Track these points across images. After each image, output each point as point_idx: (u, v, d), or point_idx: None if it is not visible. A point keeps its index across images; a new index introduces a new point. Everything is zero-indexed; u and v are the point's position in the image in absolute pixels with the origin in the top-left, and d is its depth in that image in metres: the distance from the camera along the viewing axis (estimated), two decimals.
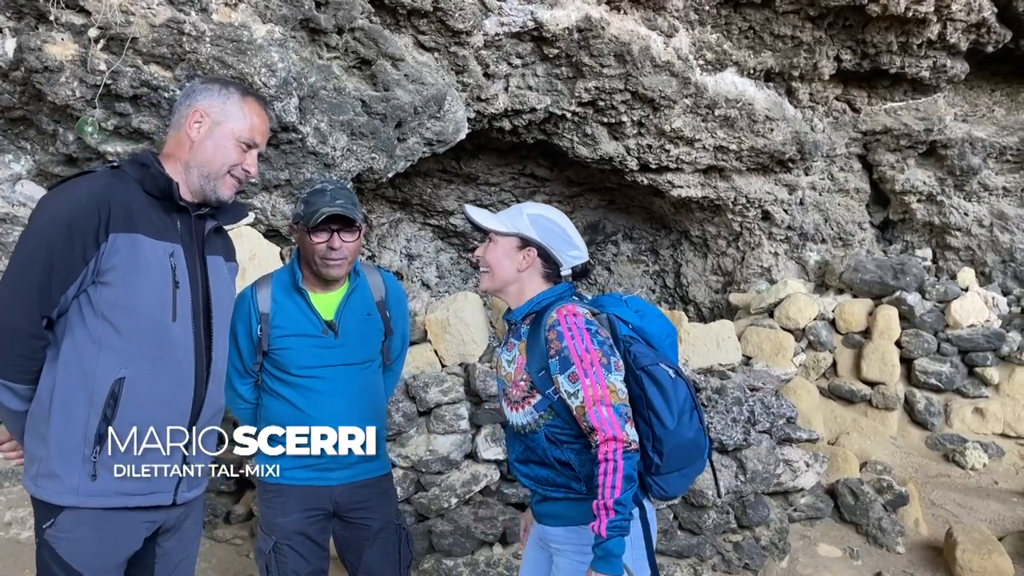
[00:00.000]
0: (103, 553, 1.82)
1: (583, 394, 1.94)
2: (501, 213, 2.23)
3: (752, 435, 4.35)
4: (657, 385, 2.00)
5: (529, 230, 2.14)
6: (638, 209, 8.50)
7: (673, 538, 4.16)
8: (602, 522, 1.86)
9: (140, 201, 1.85)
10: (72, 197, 1.78)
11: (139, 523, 1.90)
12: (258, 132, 2.01)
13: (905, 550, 4.70)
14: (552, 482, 2.10)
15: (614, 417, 1.92)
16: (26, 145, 4.63)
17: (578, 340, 1.98)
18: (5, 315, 1.74)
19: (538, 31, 5.33)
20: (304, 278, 2.51)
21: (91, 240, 1.75)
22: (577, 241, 2.19)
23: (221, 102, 1.95)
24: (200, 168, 1.94)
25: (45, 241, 1.74)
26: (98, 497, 1.80)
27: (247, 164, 1.99)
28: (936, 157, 7.52)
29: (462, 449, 4.09)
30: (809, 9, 5.88)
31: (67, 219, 1.74)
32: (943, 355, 6.96)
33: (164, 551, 1.99)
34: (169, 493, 1.92)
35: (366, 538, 2.54)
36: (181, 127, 1.95)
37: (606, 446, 1.90)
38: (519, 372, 2.11)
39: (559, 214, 2.22)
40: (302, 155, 4.68)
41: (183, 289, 1.89)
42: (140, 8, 3.94)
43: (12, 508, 4.14)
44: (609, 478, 1.88)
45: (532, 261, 2.15)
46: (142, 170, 1.89)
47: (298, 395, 2.46)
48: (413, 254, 8.58)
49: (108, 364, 1.79)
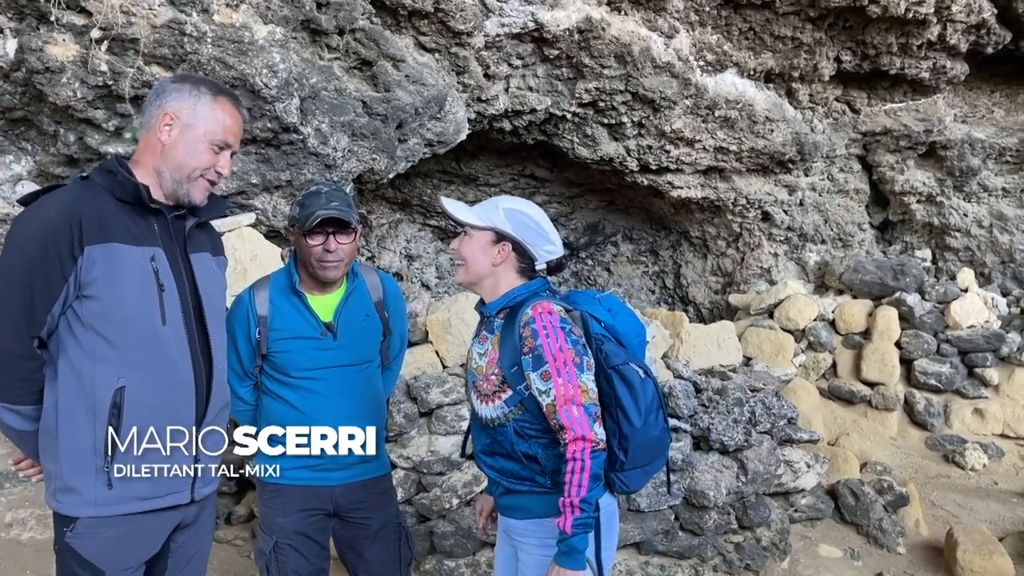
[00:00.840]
0: (124, 553, 1.84)
1: (555, 393, 1.96)
2: (477, 206, 2.23)
3: (753, 436, 4.36)
4: (627, 384, 2.03)
5: (504, 224, 2.15)
6: (638, 210, 8.50)
7: (674, 539, 4.16)
8: (567, 519, 1.91)
9: (112, 209, 1.83)
10: (42, 215, 1.76)
11: (159, 524, 1.91)
12: (231, 133, 1.97)
13: (906, 551, 4.70)
14: (517, 475, 2.12)
15: (584, 417, 1.95)
16: (26, 146, 4.62)
17: (552, 339, 1.99)
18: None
19: (539, 32, 5.33)
20: (301, 280, 2.51)
21: (67, 255, 1.74)
22: (552, 236, 2.20)
23: (192, 103, 1.91)
24: (172, 172, 1.91)
25: (23, 262, 1.73)
26: (117, 505, 1.82)
27: (219, 166, 1.96)
28: (936, 158, 7.53)
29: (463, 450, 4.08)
30: (809, 10, 5.89)
31: (40, 238, 1.73)
32: (943, 356, 6.97)
33: (178, 545, 2.01)
34: (186, 492, 1.94)
35: (366, 537, 2.55)
36: (151, 129, 1.91)
37: (574, 445, 1.93)
38: (491, 366, 2.12)
39: (535, 208, 2.23)
40: (303, 156, 4.68)
41: (169, 292, 1.88)
42: (142, 9, 3.94)
43: (12, 509, 4.15)
44: (576, 476, 1.91)
45: (507, 256, 2.15)
46: (109, 177, 1.87)
47: (298, 396, 2.46)
48: (413, 255, 8.58)
49: (105, 375, 1.79)
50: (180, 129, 1.90)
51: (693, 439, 4.34)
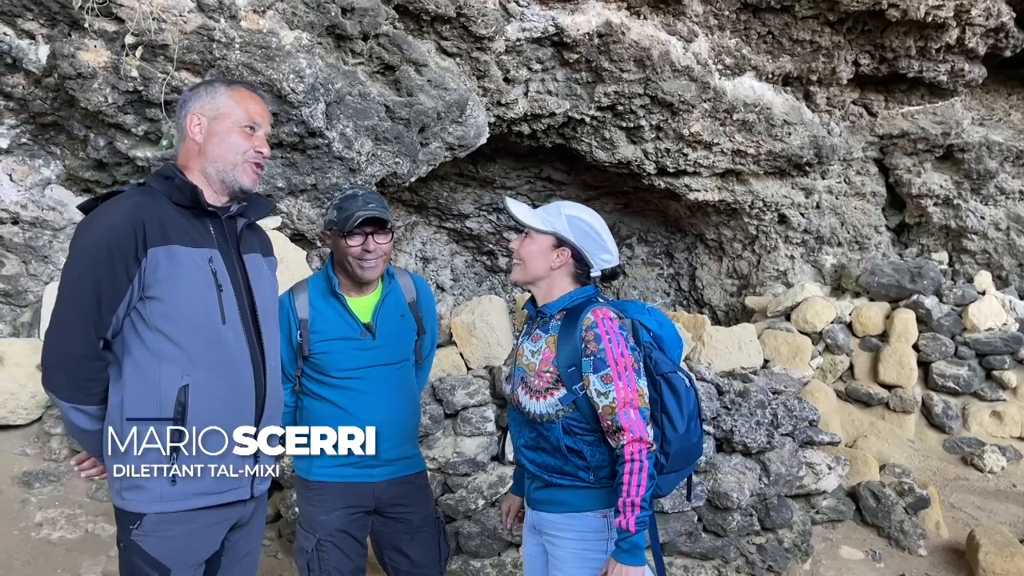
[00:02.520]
0: (188, 551, 1.88)
1: (615, 395, 2.04)
2: (540, 209, 2.29)
3: (775, 438, 4.37)
4: (674, 392, 2.14)
5: (566, 231, 2.21)
6: (653, 212, 8.53)
7: (697, 540, 4.18)
8: (629, 518, 1.98)
9: (171, 213, 1.90)
10: (107, 221, 1.83)
11: (220, 520, 1.96)
12: (255, 113, 2.03)
13: (927, 552, 4.71)
14: (560, 470, 2.17)
15: (640, 420, 2.04)
16: (56, 150, 4.69)
17: (614, 344, 2.07)
18: (65, 344, 1.80)
19: (559, 36, 5.37)
20: (340, 283, 2.57)
21: (131, 259, 1.80)
22: (610, 246, 2.26)
23: (210, 99, 1.99)
24: (215, 165, 1.98)
25: (89, 268, 1.79)
26: (181, 500, 1.86)
27: (257, 146, 2.03)
28: (953, 161, 7.53)
29: (488, 451, 4.12)
30: (828, 14, 5.91)
31: (106, 243, 1.79)
32: (960, 358, 6.96)
33: (232, 544, 2.04)
34: (246, 488, 1.98)
35: (407, 532, 2.59)
36: (186, 136, 2.00)
37: (632, 447, 2.01)
38: (545, 364, 2.17)
39: (596, 216, 2.29)
40: (328, 160, 4.73)
41: (227, 291, 1.94)
42: (172, 16, 3.99)
43: (43, 509, 4.19)
44: (635, 477, 1.99)
45: (565, 261, 2.21)
46: (167, 183, 1.94)
47: (341, 396, 2.51)
48: (428, 257, 8.63)
49: (170, 374, 1.85)
50: (208, 124, 1.98)
51: (716, 441, 4.37)
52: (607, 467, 2.13)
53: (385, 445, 2.52)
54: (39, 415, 4.51)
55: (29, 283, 4.83)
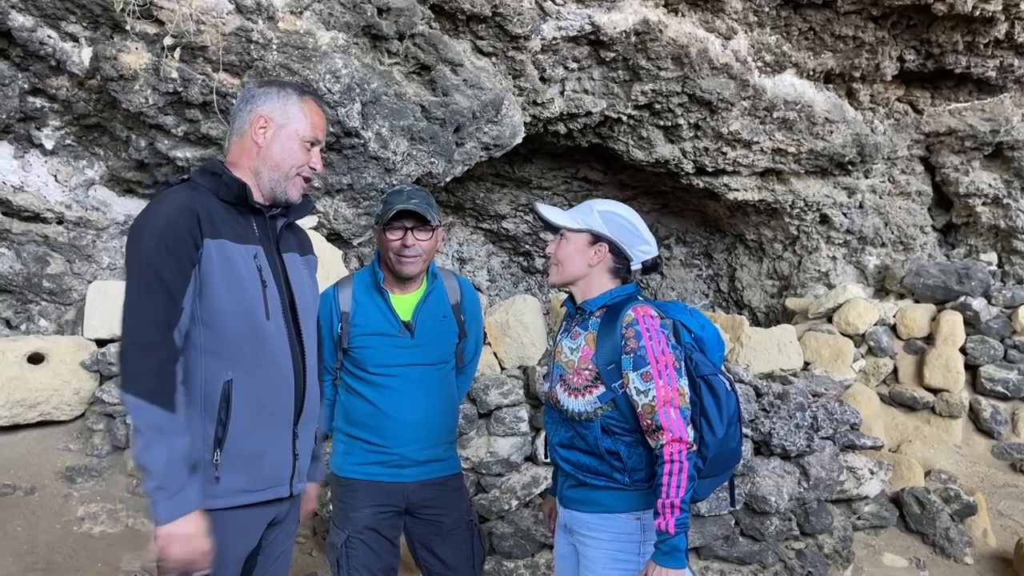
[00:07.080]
0: (228, 548, 1.86)
1: (655, 394, 2.00)
2: (571, 210, 2.27)
3: (815, 441, 4.29)
4: (714, 394, 2.10)
5: (601, 226, 2.19)
6: (692, 212, 8.43)
7: (735, 544, 4.12)
8: (669, 520, 1.93)
9: (218, 208, 1.90)
10: (163, 211, 1.82)
11: (259, 518, 1.95)
12: (319, 129, 2.05)
13: (973, 561, 4.59)
14: (595, 470, 2.14)
15: (681, 420, 2.00)
16: (99, 151, 4.78)
17: (655, 342, 2.04)
18: (142, 336, 1.75)
19: (595, 35, 5.33)
20: (384, 278, 2.58)
21: (191, 245, 1.80)
22: (647, 236, 2.24)
23: (282, 105, 1.98)
24: (270, 172, 1.98)
25: (152, 257, 1.77)
26: (223, 498, 1.84)
27: (313, 162, 2.04)
28: (1002, 159, 7.33)
29: (522, 451, 4.10)
30: (872, 9, 5.79)
31: (163, 231, 1.78)
32: (1010, 362, 6.78)
33: (268, 542, 2.04)
34: (286, 486, 1.97)
35: (438, 534, 2.57)
36: (245, 134, 1.98)
37: (671, 447, 1.97)
38: (584, 361, 2.15)
39: (628, 209, 2.27)
40: (364, 160, 4.75)
41: (271, 288, 1.94)
42: (210, 18, 4.04)
43: (84, 504, 4.26)
44: (675, 478, 1.95)
45: (603, 256, 2.20)
46: (215, 179, 1.94)
47: (376, 393, 2.51)
48: (465, 258, 8.64)
49: (214, 369, 1.84)
50: (274, 130, 1.97)
51: (754, 444, 4.29)
52: (643, 469, 2.10)
53: (416, 446, 2.52)
54: (82, 411, 4.60)
55: (73, 282, 4.92)
